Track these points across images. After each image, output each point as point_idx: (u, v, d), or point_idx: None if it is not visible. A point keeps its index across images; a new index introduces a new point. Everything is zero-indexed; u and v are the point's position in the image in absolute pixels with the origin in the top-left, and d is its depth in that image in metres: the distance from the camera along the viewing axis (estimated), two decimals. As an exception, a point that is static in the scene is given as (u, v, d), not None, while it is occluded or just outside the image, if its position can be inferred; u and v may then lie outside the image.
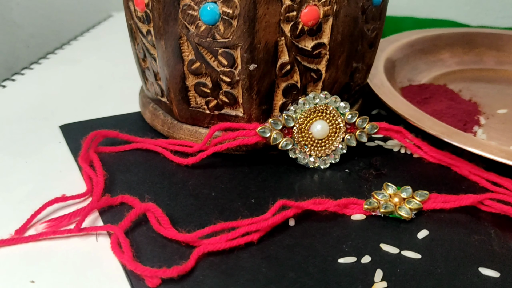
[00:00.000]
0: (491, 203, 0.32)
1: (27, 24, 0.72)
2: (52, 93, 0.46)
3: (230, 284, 0.26)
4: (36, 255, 0.28)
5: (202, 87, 0.35)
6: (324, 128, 0.36)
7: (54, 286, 0.26)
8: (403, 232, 0.30)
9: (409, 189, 0.33)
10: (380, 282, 0.27)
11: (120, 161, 0.36)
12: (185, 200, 0.32)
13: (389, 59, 0.48)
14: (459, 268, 0.28)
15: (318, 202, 0.31)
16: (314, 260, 0.28)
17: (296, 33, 0.33)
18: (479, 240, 0.30)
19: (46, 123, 0.41)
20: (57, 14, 0.73)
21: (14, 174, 0.35)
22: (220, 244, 0.28)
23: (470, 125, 0.42)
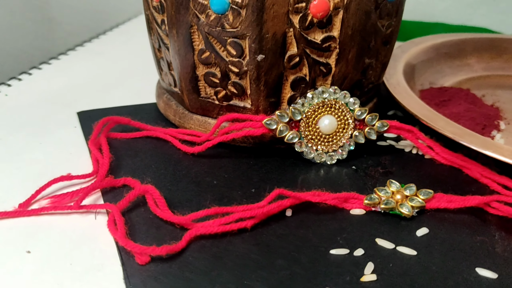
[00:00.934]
0: (498, 206, 0.31)
1: (64, 21, 0.75)
2: (75, 82, 0.48)
3: (217, 267, 0.26)
4: (36, 228, 0.29)
5: (212, 77, 0.36)
6: (332, 123, 0.35)
7: (48, 257, 0.27)
8: (402, 228, 0.30)
9: (413, 187, 0.32)
10: (370, 274, 0.26)
11: (129, 147, 0.37)
12: (186, 186, 0.33)
13: (410, 61, 0.48)
14: (456, 267, 0.27)
15: (316, 194, 0.31)
16: (305, 249, 0.28)
17: (305, 25, 0.33)
18: (481, 241, 0.29)
19: (66, 109, 0.42)
20: (92, 11, 0.76)
21: (27, 153, 0.36)
22: (212, 228, 0.28)
23: (489, 129, 0.40)
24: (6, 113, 0.42)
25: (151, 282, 0.25)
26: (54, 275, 0.25)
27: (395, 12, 0.37)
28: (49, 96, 0.45)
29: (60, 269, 0.26)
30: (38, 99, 0.44)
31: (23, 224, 0.29)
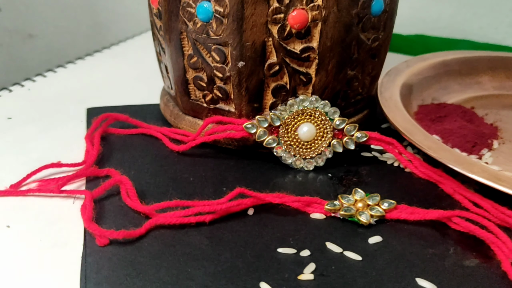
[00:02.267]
0: (459, 221, 0.31)
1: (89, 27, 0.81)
2: (93, 81, 0.52)
3: (167, 254, 0.28)
4: (19, 207, 0.32)
5: (200, 81, 0.38)
6: (310, 131, 0.37)
7: (23, 233, 0.30)
8: (356, 235, 0.31)
9: (376, 197, 0.33)
10: (308, 274, 0.27)
11: (123, 142, 0.40)
12: (163, 180, 0.35)
13: (413, 76, 0.48)
14: (397, 275, 0.27)
15: (278, 196, 0.32)
16: (254, 246, 0.29)
17: (283, 35, 0.34)
18: (432, 254, 0.29)
19: (78, 105, 0.46)
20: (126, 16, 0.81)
21: (33, 141, 0.40)
22: (172, 219, 0.30)
23: (479, 147, 0.40)
24: (25, 105, 0.46)
25: (104, 262, 0.27)
26: (24, 248, 0.29)
27: (382, 26, 0.38)
28: (66, 93, 0.49)
29: (31, 243, 0.29)
30: (56, 95, 0.48)
31: (9, 202, 0.32)
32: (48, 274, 0.27)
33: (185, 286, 0.26)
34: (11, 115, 0.44)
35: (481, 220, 0.31)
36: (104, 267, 0.27)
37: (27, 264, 0.28)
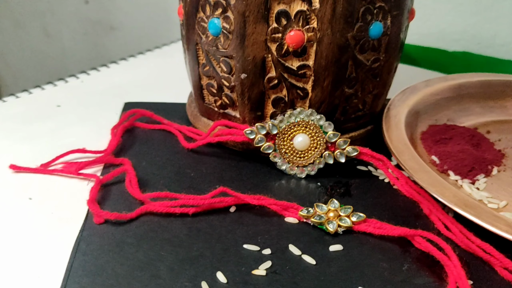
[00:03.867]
0: (420, 240, 0.33)
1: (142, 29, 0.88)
2: (139, 78, 0.58)
3: (149, 237, 0.33)
4: (43, 183, 0.38)
5: (211, 88, 0.42)
6: (305, 141, 0.40)
7: (42, 204, 0.36)
8: (319, 242, 0.34)
9: (349, 209, 0.36)
10: (261, 270, 0.31)
11: (145, 136, 0.45)
12: (167, 173, 0.40)
13: (430, 96, 0.49)
14: (343, 282, 0.30)
15: (259, 198, 0.36)
16: (225, 240, 0.33)
17: (281, 53, 0.38)
18: (386, 267, 0.32)
19: (119, 99, 0.53)
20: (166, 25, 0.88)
21: (71, 128, 0.47)
22: (160, 208, 0.35)
23: (476, 172, 0.41)
24: (74, 96, 0.53)
25: (95, 237, 0.33)
26: (37, 217, 0.35)
27: (384, 48, 0.40)
28: (113, 87, 0.56)
29: (43, 214, 0.35)
30: (103, 88, 0.55)
31: (36, 179, 0.39)
32: (49, 241, 0.33)
33: (154, 267, 0.31)
34: (60, 103, 0.51)
35: (440, 242, 0.32)
36: (94, 242, 0.33)
37: (36, 230, 0.34)
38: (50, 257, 0.31)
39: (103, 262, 0.31)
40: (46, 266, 0.31)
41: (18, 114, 0.49)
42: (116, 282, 0.29)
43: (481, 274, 0.31)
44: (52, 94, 0.54)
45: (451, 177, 0.40)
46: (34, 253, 0.32)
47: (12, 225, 0.34)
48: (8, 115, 0.49)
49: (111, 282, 0.29)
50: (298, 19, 0.36)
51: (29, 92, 0.53)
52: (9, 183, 0.38)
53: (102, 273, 0.30)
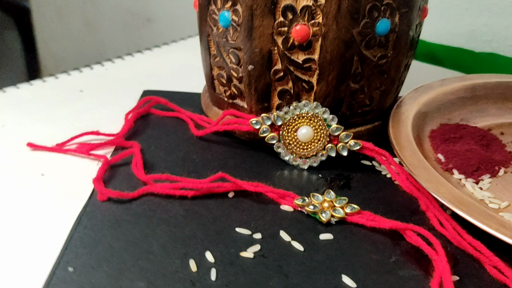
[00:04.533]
0: (411, 234, 0.34)
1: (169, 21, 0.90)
2: (162, 67, 0.60)
3: (147, 216, 0.35)
4: (57, 161, 0.41)
5: (221, 78, 0.44)
6: (308, 133, 0.41)
7: (53, 180, 0.38)
8: (311, 230, 0.34)
9: (343, 200, 0.36)
10: (249, 252, 0.32)
11: (158, 122, 0.47)
12: (174, 158, 0.42)
13: (445, 95, 0.49)
14: (327, 269, 0.31)
15: (255, 184, 0.37)
16: (219, 223, 0.34)
17: (287, 46, 0.39)
18: (373, 259, 0.32)
19: (139, 87, 0.55)
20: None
21: (90, 112, 0.49)
22: (161, 189, 0.37)
23: (481, 172, 0.41)
24: (97, 82, 0.56)
25: (97, 213, 0.35)
26: (47, 192, 0.37)
27: (392, 45, 0.40)
28: (135, 75, 0.58)
29: (53, 189, 0.37)
30: (126, 76, 0.58)
31: (51, 156, 0.41)
32: (55, 213, 0.35)
33: (148, 243, 0.32)
34: (83, 89, 0.54)
35: (430, 237, 0.33)
36: (96, 217, 0.34)
37: (44, 203, 0.36)
38: (54, 228, 0.33)
39: (101, 236, 0.33)
40: (49, 236, 0.33)
41: (44, 96, 0.52)
42: (109, 254, 0.31)
43: (470, 271, 0.31)
44: (77, 80, 0.56)
45: (455, 176, 0.40)
46: (40, 223, 0.34)
47: (23, 197, 0.36)
48: (35, 97, 0.52)
49: (105, 254, 0.31)
50: (304, 14, 0.37)
51: (56, 77, 0.55)
52: (25, 160, 0.41)
53: (98, 246, 0.32)
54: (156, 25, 1.22)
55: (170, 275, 0.30)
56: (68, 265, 0.30)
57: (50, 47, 1.35)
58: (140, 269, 0.30)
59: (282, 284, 0.30)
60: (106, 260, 0.31)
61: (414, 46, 0.44)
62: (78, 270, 0.30)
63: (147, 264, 0.30)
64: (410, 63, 0.46)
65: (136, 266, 0.30)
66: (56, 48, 1.33)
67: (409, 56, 0.44)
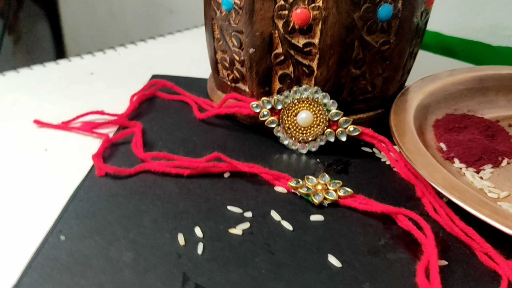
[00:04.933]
0: (402, 219, 0.33)
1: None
2: (170, 53, 0.61)
3: (141, 193, 0.35)
4: (60, 138, 0.42)
5: (224, 62, 0.44)
6: (308, 117, 0.41)
7: (55, 155, 0.40)
8: (302, 211, 0.35)
9: (337, 183, 0.36)
10: (238, 229, 0.32)
11: (163, 104, 0.48)
12: (174, 139, 0.42)
13: (453, 85, 0.48)
14: (314, 248, 0.31)
15: (250, 165, 0.37)
16: (212, 201, 0.35)
17: (288, 30, 0.39)
18: (362, 241, 0.32)
19: (148, 71, 0.56)
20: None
21: (99, 93, 0.50)
22: (158, 167, 0.37)
23: (483, 162, 0.40)
24: (109, 65, 0.57)
25: (94, 187, 0.36)
26: (50, 166, 0.38)
27: (394, 31, 0.40)
28: (146, 60, 0.59)
29: (55, 164, 0.39)
30: (137, 61, 0.59)
31: (55, 133, 0.43)
32: (54, 186, 0.36)
33: (140, 217, 0.33)
34: (94, 71, 0.55)
35: (421, 221, 0.32)
36: (92, 191, 0.35)
37: (45, 176, 0.37)
38: (52, 199, 0.35)
39: (96, 209, 0.33)
40: (46, 206, 0.34)
41: (55, 78, 0.54)
42: (101, 226, 0.32)
43: (459, 257, 0.31)
44: (89, 63, 0.58)
45: (455, 165, 0.40)
46: (39, 195, 0.35)
47: (26, 170, 0.38)
48: (46, 78, 0.53)
49: (97, 225, 0.32)
50: (304, -3, 0.37)
51: (69, 60, 0.57)
52: (30, 136, 0.42)
53: (91, 218, 0.33)
54: (176, 15, 1.23)
55: (158, 247, 0.30)
56: (61, 234, 0.31)
57: (76, 36, 1.38)
58: (129, 240, 0.31)
59: (267, 261, 0.30)
60: (98, 231, 0.31)
61: (420, 34, 0.44)
62: (69, 239, 0.31)
63: (137, 236, 0.31)
64: (416, 51, 0.45)
65: (126, 238, 0.31)
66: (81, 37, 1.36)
67: (414, 44, 0.43)
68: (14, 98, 0.49)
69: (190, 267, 0.29)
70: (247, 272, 0.29)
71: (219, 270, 0.29)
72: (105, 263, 0.29)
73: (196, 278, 0.28)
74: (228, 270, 0.29)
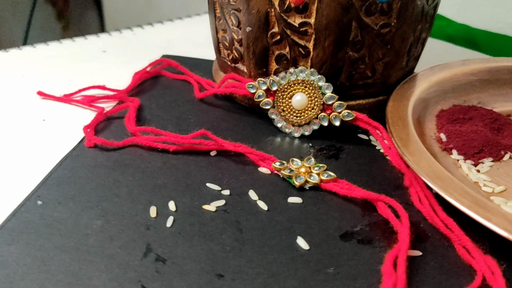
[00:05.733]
0: (382, 206, 0.32)
1: None
2: (185, 35, 0.61)
3: (125, 165, 0.36)
4: (59, 109, 0.43)
5: (225, 41, 0.44)
6: (302, 100, 0.40)
7: (52, 125, 0.41)
8: (282, 193, 0.34)
9: (322, 167, 0.36)
10: (212, 206, 0.32)
11: (167, 83, 0.48)
12: (170, 116, 0.43)
13: (464, 75, 0.46)
14: (285, 229, 0.30)
15: (236, 145, 0.37)
16: (192, 178, 0.35)
17: (283, 8, 0.38)
18: (334, 225, 0.31)
19: (160, 51, 0.56)
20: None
21: (108, 70, 0.51)
22: (145, 141, 0.38)
23: (483, 155, 0.38)
24: (122, 44, 0.58)
25: (80, 158, 0.36)
26: (46, 135, 0.40)
27: (396, 14, 0.38)
28: (159, 41, 0.60)
29: (51, 133, 0.40)
30: (150, 41, 0.59)
31: (55, 105, 0.44)
32: (45, 154, 0.37)
33: (117, 188, 0.33)
34: (106, 49, 0.56)
35: (400, 210, 0.31)
36: (78, 161, 0.36)
37: (38, 144, 0.38)
38: (39, 167, 0.35)
39: (77, 177, 0.34)
40: (33, 172, 0.35)
41: (68, 54, 0.55)
42: (78, 193, 0.32)
43: (436, 249, 0.30)
44: (104, 41, 0.59)
45: (453, 156, 0.38)
46: (28, 162, 0.36)
47: (20, 138, 0.39)
48: (60, 54, 0.55)
49: (74, 193, 0.32)
50: (300, -26, 0.36)
51: (85, 38, 0.58)
52: (32, 106, 0.44)
53: (70, 185, 0.33)
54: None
55: (128, 217, 0.31)
56: (39, 199, 0.32)
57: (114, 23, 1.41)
58: (101, 209, 0.31)
59: (234, 238, 0.30)
60: (73, 198, 0.32)
61: (428, 19, 0.42)
62: (45, 204, 0.31)
63: (110, 205, 0.32)
64: (424, 37, 0.43)
65: (100, 206, 0.31)
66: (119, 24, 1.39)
67: (420, 29, 0.41)
68: (24, 70, 0.51)
69: (155, 239, 0.29)
70: (210, 247, 0.29)
71: (183, 244, 0.29)
72: (73, 228, 0.29)
73: (158, 249, 0.28)
74: (191, 244, 0.29)
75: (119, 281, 0.26)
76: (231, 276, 0.27)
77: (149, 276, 0.26)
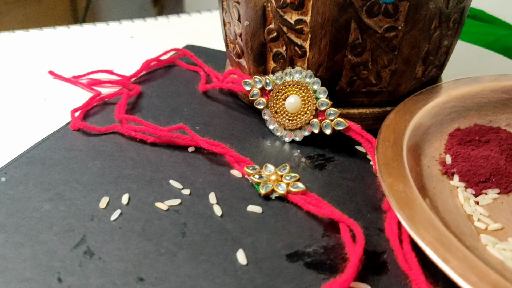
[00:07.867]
0: (344, 228, 0.30)
1: None
2: (213, 27, 0.61)
3: (98, 151, 0.36)
4: (65, 89, 0.44)
5: (230, 35, 0.43)
6: (296, 103, 0.38)
7: (50, 104, 0.42)
8: (244, 199, 0.32)
9: (294, 177, 0.33)
10: (164, 205, 0.31)
11: (177, 73, 0.48)
12: (166, 107, 0.42)
13: (492, 92, 0.41)
14: (230, 238, 0.29)
15: (212, 143, 0.35)
16: (160, 173, 0.34)
17: (280, 3, 0.36)
18: (285, 242, 0.29)
19: (185, 41, 0.56)
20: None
21: (130, 54, 0.51)
22: (126, 130, 0.37)
23: (489, 185, 0.34)
24: (150, 32, 0.58)
25: (61, 140, 0.37)
26: (39, 113, 0.41)
27: (403, 16, 0.35)
28: (186, 32, 0.59)
29: (45, 111, 0.41)
30: (178, 31, 0.60)
31: (62, 85, 0.45)
32: (34, 131, 0.38)
33: (82, 174, 0.33)
34: (135, 35, 0.56)
35: (359, 235, 0.28)
36: (58, 142, 0.36)
37: (32, 122, 0.40)
38: (21, 145, 0.36)
39: (48, 158, 0.34)
40: (11, 150, 0.36)
41: (99, 38, 0.56)
42: (42, 174, 0.33)
43: (392, 286, 0.26)
44: (137, 27, 0.59)
45: (452, 182, 0.34)
46: (15, 136, 0.38)
47: (18, 113, 0.41)
48: (79, 37, 0.57)
49: (38, 174, 0.33)
50: (298, -32, 0.34)
51: (107, 23, 0.59)
52: (38, 85, 0.45)
53: (38, 166, 0.34)
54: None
55: (78, 205, 0.30)
56: (4, 176, 0.32)
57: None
58: (57, 193, 0.31)
59: (173, 241, 0.28)
60: (35, 179, 0.32)
61: (449, 25, 0.37)
62: (7, 181, 0.32)
63: (66, 191, 0.31)
64: (445, 44, 0.39)
65: (56, 190, 0.31)
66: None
67: (437, 35, 0.37)
68: (52, 52, 0.53)
69: (93, 231, 0.28)
70: (145, 248, 0.28)
71: (118, 240, 0.28)
72: (20, 208, 0.30)
73: (91, 242, 0.28)
74: (126, 241, 0.28)
75: (38, 269, 0.26)
76: (151, 281, 0.26)
77: (70, 269, 0.26)
